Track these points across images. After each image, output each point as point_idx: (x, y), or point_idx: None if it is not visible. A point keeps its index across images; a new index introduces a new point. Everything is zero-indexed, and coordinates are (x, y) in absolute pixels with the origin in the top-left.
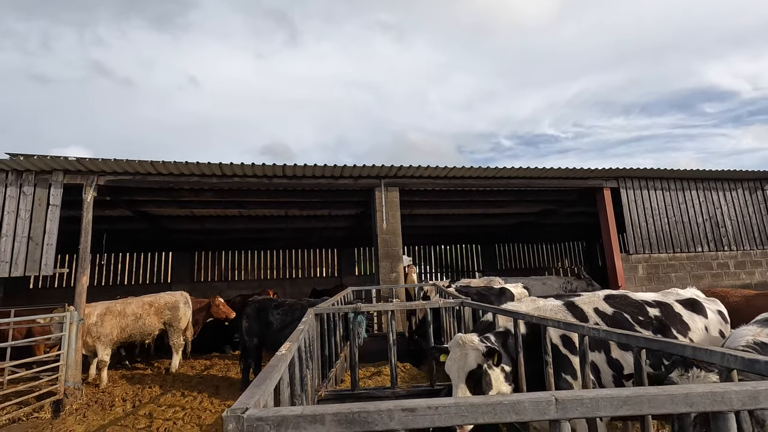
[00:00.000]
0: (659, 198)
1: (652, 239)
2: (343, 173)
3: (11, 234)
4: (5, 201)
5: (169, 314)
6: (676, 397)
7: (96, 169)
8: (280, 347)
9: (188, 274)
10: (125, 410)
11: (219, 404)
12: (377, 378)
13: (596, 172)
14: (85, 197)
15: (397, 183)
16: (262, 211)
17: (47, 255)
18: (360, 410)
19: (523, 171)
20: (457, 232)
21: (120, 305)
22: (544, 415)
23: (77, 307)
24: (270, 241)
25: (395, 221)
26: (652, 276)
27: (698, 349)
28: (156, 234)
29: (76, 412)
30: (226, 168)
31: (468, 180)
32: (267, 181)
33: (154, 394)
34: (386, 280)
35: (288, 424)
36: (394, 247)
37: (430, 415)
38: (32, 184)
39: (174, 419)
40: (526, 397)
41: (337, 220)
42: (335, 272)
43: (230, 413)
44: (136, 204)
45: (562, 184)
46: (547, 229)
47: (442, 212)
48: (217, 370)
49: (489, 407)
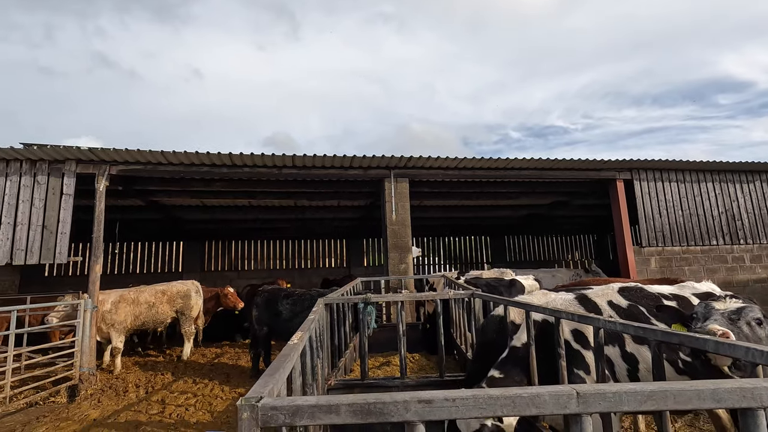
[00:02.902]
0: (674, 190)
1: (666, 232)
2: (352, 164)
3: (26, 222)
4: (20, 190)
5: (181, 303)
6: (703, 393)
7: (108, 159)
8: (292, 336)
9: (199, 263)
10: (138, 396)
11: (230, 391)
12: (386, 368)
13: (609, 163)
14: (98, 186)
15: (406, 174)
16: (272, 201)
17: (61, 243)
18: (375, 401)
19: (534, 162)
20: (466, 223)
21: (133, 293)
22: (564, 408)
23: (91, 295)
24: (279, 231)
25: (404, 212)
26: (665, 269)
27: (721, 343)
28: (167, 223)
29: (91, 397)
30: (236, 158)
31: (478, 171)
32: (277, 171)
33: (166, 381)
34: (395, 271)
35: (303, 414)
36: (404, 238)
37: (447, 407)
38: (46, 173)
39: (186, 405)
40: (546, 390)
41: (347, 211)
42: (344, 263)
43: (244, 402)
44: (147, 194)
45: (574, 175)
46: (557, 222)
47: (451, 203)
48: (228, 359)
49: (508, 400)
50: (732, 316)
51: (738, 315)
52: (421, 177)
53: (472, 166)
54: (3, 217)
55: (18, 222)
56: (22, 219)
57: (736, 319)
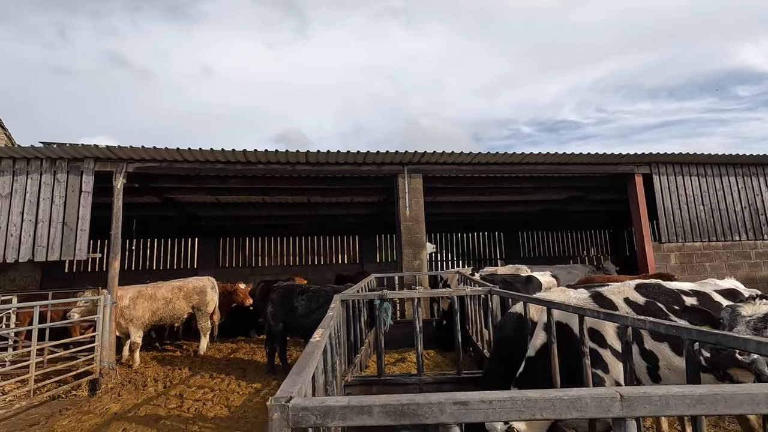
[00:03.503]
0: (694, 184)
1: (686, 227)
2: (365, 160)
3: (47, 219)
4: (41, 188)
5: (197, 298)
6: (757, 397)
7: (125, 157)
8: (313, 333)
9: (213, 260)
10: (157, 390)
11: (246, 387)
12: (401, 364)
13: (628, 157)
14: (115, 184)
15: (420, 170)
16: (285, 198)
17: (81, 240)
18: (409, 402)
19: (550, 157)
20: (479, 219)
21: (151, 289)
22: (607, 412)
23: (110, 291)
24: (293, 228)
25: (418, 208)
26: (685, 265)
27: (763, 343)
28: (182, 220)
29: (111, 391)
30: (250, 155)
31: (493, 166)
32: (290, 167)
33: (183, 376)
34: (409, 267)
35: (334, 415)
36: (417, 234)
37: (483, 409)
38: (65, 171)
39: (203, 400)
40: (588, 392)
41: (360, 207)
42: (357, 259)
43: (275, 402)
44: (163, 191)
45: (590, 170)
46: (572, 217)
47: (465, 199)
48: (244, 354)
49: (547, 403)
50: (758, 325)
51: (765, 323)
52: (435, 173)
53: (486, 161)
54: (25, 214)
55: (39, 219)
56: (43, 216)
57: (763, 327)
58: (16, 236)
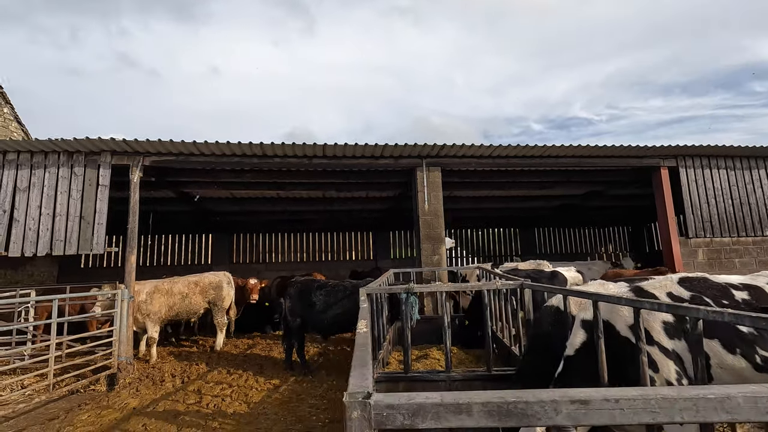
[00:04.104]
0: (722, 177)
1: (714, 222)
2: (383, 153)
3: (65, 213)
4: (58, 181)
5: (213, 294)
6: None
7: (141, 150)
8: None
9: (227, 255)
10: (175, 385)
11: (264, 383)
12: (424, 361)
13: (653, 150)
14: (132, 178)
15: (439, 163)
16: (300, 193)
17: (98, 234)
18: (516, 400)
19: (573, 149)
20: (496, 215)
21: (167, 284)
22: (765, 415)
23: (127, 285)
24: (307, 223)
25: (437, 202)
26: (713, 261)
27: None
28: (197, 215)
29: (129, 386)
30: (267, 148)
31: (513, 159)
32: (307, 161)
33: (201, 371)
34: (428, 262)
35: (426, 414)
36: (436, 229)
37: (607, 409)
38: (82, 164)
39: (222, 396)
40: (739, 391)
41: (375, 202)
42: (370, 255)
43: (352, 399)
44: (179, 185)
45: (614, 163)
46: (590, 213)
47: (482, 194)
48: (260, 350)
49: (688, 402)
50: None
51: None
52: (453, 166)
53: (506, 155)
54: (43, 208)
55: (57, 213)
56: (61, 210)
57: None
58: (34, 230)
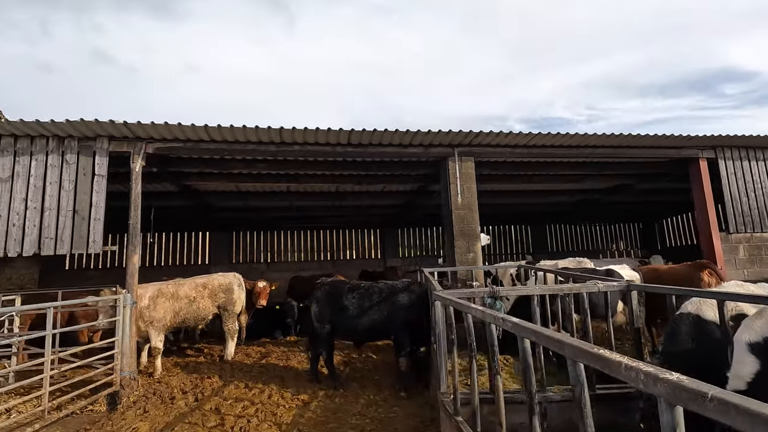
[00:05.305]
0: (761, 170)
1: (754, 216)
2: (413, 141)
3: (55, 207)
4: (47, 170)
5: (224, 297)
6: None
7: (144, 135)
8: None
9: (227, 254)
10: (188, 404)
11: (291, 398)
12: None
13: (694, 140)
14: (133, 167)
15: (472, 152)
16: (313, 186)
17: (95, 231)
18: None
19: (612, 139)
20: (510, 211)
21: (172, 287)
22: None
23: (129, 290)
24: (312, 221)
25: (471, 195)
26: (754, 258)
27: None
28: (197, 211)
29: (135, 405)
30: (286, 134)
31: (548, 149)
32: (330, 149)
33: (215, 386)
34: (463, 260)
35: None
36: (471, 224)
37: None
38: (75, 151)
39: (246, 416)
40: None
41: (388, 198)
42: (378, 254)
43: None
44: (182, 177)
45: (651, 154)
46: (605, 209)
47: (505, 188)
48: (276, 359)
49: None
50: None
51: None
52: (486, 156)
53: (542, 144)
54: (29, 201)
55: (46, 207)
56: (50, 203)
57: None
58: (19, 226)
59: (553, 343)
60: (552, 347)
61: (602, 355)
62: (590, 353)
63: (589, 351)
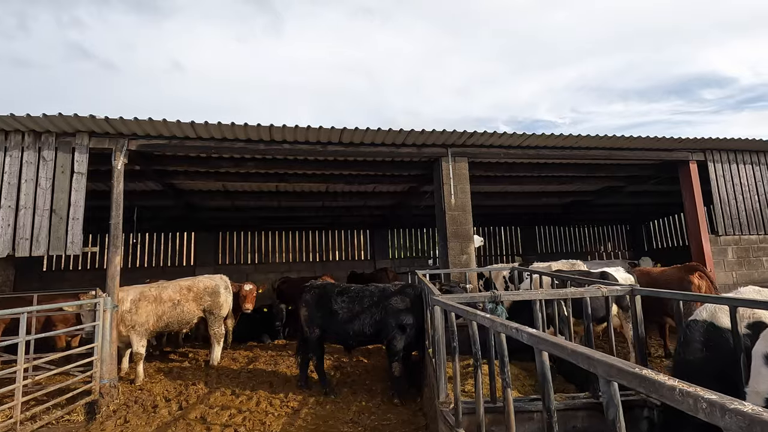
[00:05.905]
0: (749, 173)
1: (743, 219)
2: (406, 140)
3: (31, 206)
4: (22, 167)
5: (209, 300)
6: None
7: (127, 132)
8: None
9: (212, 256)
10: (171, 412)
11: (280, 406)
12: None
13: (684, 142)
14: (115, 164)
15: (465, 153)
16: (303, 186)
17: (73, 231)
18: None
19: (606, 140)
20: (500, 213)
21: (155, 290)
22: None
23: (110, 293)
24: (300, 221)
25: (464, 196)
26: (742, 260)
27: None
28: (182, 211)
29: (114, 414)
30: (276, 132)
31: (543, 150)
32: (321, 148)
33: (201, 393)
34: (456, 262)
35: None
36: (464, 225)
37: None
38: (53, 147)
39: (234, 425)
40: None
41: (378, 198)
42: (368, 255)
43: None
44: (166, 175)
45: (645, 156)
46: (595, 211)
47: (496, 190)
48: (264, 363)
49: None
50: None
51: None
52: (480, 156)
53: (536, 145)
54: (2, 199)
55: (21, 206)
56: (26, 202)
57: None
58: None
59: (580, 359)
60: (579, 363)
61: (646, 376)
62: (630, 373)
63: (630, 371)
